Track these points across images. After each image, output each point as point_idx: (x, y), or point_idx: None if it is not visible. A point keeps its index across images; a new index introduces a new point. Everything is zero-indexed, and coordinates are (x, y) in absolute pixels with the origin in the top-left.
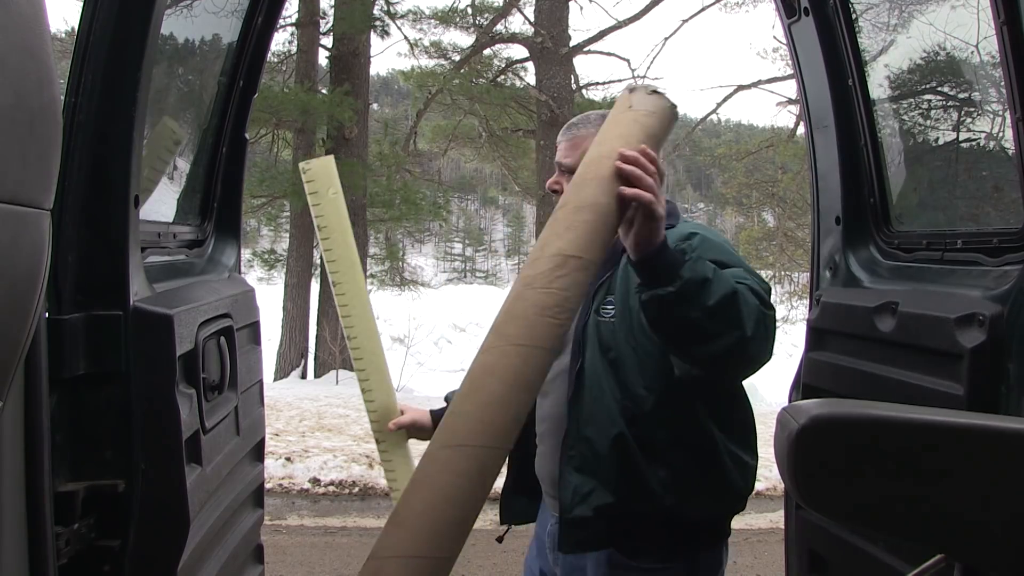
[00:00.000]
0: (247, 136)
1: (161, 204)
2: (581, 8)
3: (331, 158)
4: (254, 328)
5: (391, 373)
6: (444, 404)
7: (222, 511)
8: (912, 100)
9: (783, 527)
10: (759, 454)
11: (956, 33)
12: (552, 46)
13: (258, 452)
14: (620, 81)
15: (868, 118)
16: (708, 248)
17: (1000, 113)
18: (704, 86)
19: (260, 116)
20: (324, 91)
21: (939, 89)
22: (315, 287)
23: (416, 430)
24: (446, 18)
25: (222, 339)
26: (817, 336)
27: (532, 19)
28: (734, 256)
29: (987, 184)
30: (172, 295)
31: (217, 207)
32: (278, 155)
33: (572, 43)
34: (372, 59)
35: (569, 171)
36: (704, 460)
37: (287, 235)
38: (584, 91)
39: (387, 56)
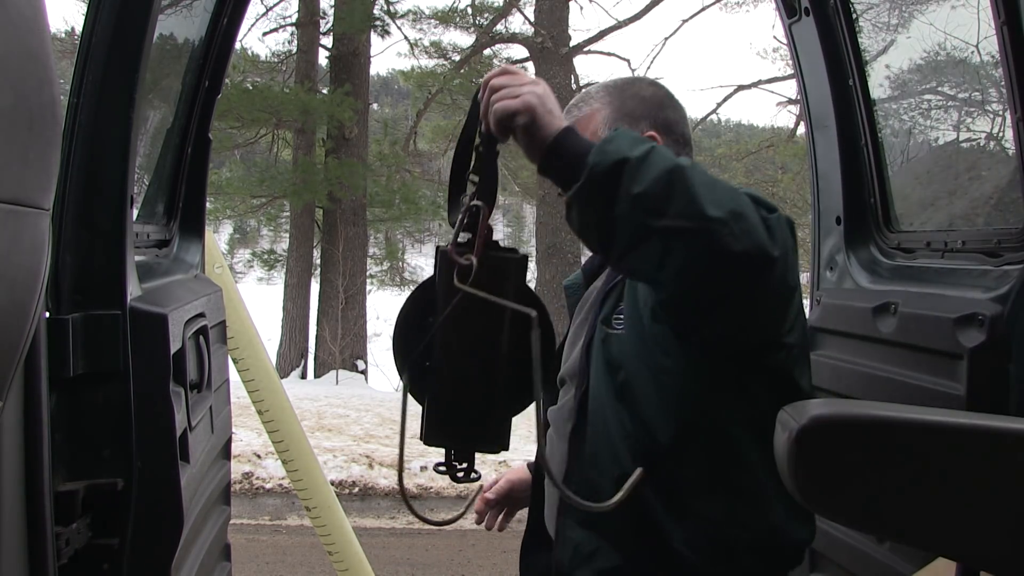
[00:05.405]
0: (211, 136)
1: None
2: (581, 8)
3: (210, 233)
4: (222, 328)
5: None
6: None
7: (200, 509)
8: (912, 100)
9: None
10: None
11: (956, 33)
12: (552, 46)
13: (226, 450)
14: None
15: (868, 118)
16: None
17: (1000, 113)
18: (704, 86)
19: (260, 116)
20: (324, 91)
21: (939, 89)
22: (315, 287)
23: (520, 491)
24: (446, 18)
25: (201, 338)
26: (817, 336)
27: (532, 19)
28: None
29: (987, 184)
30: (159, 294)
31: (182, 207)
32: (278, 155)
33: (572, 43)
34: (372, 59)
35: None
36: (749, 507)
37: (287, 235)
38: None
39: (387, 56)
